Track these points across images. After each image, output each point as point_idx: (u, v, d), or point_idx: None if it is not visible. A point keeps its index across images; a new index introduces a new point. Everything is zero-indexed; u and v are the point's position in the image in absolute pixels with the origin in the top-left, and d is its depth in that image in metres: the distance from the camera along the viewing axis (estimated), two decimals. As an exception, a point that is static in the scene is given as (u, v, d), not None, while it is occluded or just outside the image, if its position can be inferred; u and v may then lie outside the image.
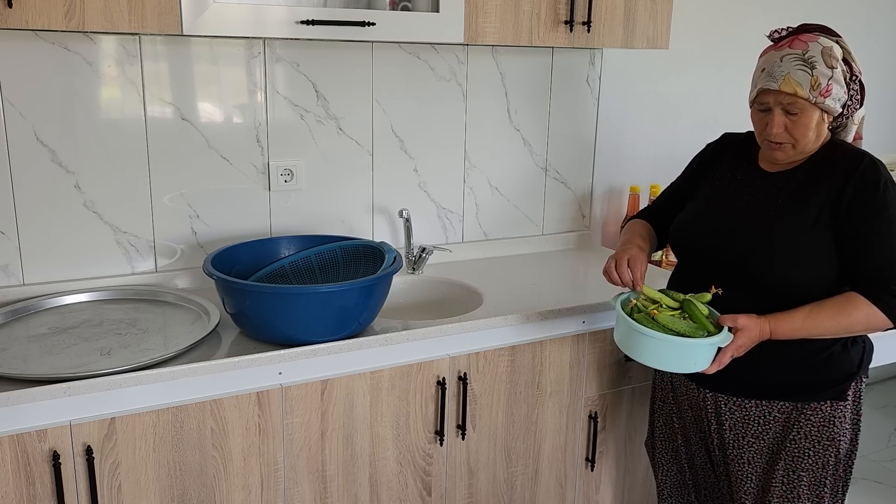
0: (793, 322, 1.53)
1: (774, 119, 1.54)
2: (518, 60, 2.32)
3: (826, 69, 1.50)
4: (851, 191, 1.51)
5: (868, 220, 1.51)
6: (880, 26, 3.10)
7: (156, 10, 1.57)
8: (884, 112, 3.24)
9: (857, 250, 1.52)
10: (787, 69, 1.51)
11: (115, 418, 1.47)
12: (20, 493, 1.42)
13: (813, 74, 1.49)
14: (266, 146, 2.03)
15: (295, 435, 1.66)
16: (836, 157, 1.57)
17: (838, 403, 1.61)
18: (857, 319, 1.51)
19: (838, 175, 1.54)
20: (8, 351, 1.55)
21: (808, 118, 1.52)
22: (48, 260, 1.85)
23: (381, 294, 1.69)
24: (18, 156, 1.77)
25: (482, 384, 1.86)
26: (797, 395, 1.61)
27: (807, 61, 1.50)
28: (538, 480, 2.02)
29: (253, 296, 1.58)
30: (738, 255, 1.60)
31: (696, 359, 1.51)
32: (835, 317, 1.52)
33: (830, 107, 1.52)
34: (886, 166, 1.58)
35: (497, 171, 2.37)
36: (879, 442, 3.09)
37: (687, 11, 2.52)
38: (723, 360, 1.54)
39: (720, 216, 1.67)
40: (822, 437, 1.61)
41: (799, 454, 1.63)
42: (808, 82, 1.49)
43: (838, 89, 1.51)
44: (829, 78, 1.50)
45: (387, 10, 1.88)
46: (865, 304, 1.50)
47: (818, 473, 1.63)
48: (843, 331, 1.54)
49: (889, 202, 1.50)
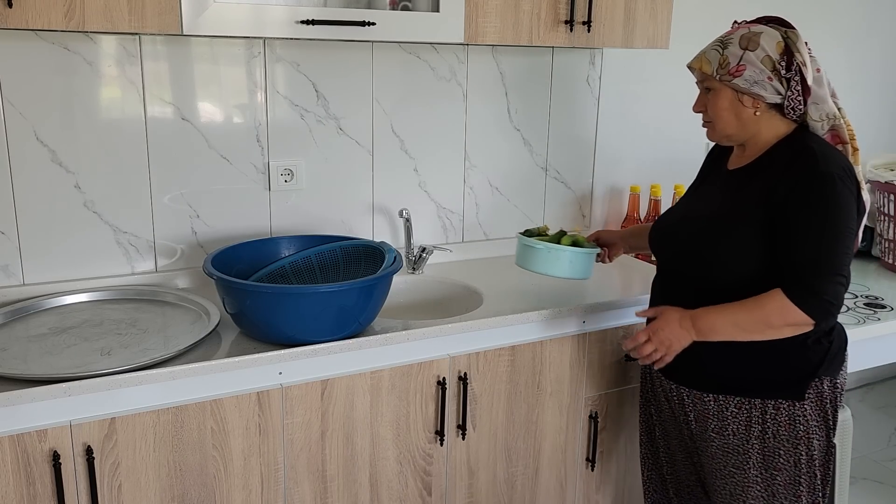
0: (711, 314, 1.55)
1: (698, 98, 1.64)
2: (518, 60, 2.32)
3: (738, 50, 1.53)
4: (788, 183, 1.50)
5: (799, 213, 1.49)
6: (880, 26, 3.10)
7: (156, 10, 1.57)
8: (884, 112, 3.24)
9: (784, 243, 1.50)
10: (705, 49, 1.60)
11: (116, 418, 1.47)
12: (20, 493, 1.42)
13: (723, 53, 1.55)
14: (266, 146, 2.03)
15: (295, 435, 1.66)
16: (782, 151, 1.57)
17: (798, 403, 1.59)
18: (773, 313, 1.49)
19: (777, 168, 1.55)
20: (8, 351, 1.55)
21: (720, 97, 1.58)
22: (48, 260, 1.85)
23: (381, 294, 1.69)
24: (18, 156, 1.77)
25: (482, 384, 1.86)
26: (750, 391, 1.61)
27: (723, 42, 1.57)
28: (538, 480, 2.02)
29: (253, 296, 1.58)
30: (676, 254, 1.67)
31: (573, 264, 1.88)
32: (751, 310, 1.51)
33: (745, 88, 1.53)
34: (856, 169, 1.56)
35: (497, 170, 2.37)
36: (879, 442, 3.09)
37: (687, 11, 2.52)
38: (643, 350, 1.61)
39: (674, 219, 1.74)
40: (789, 435, 1.61)
41: (770, 452, 1.63)
42: (717, 60, 1.55)
43: (754, 72, 1.52)
44: (740, 58, 1.53)
45: (387, 10, 1.88)
46: (780, 297, 1.48)
47: (791, 472, 1.63)
48: (762, 325, 1.51)
49: (825, 197, 1.48)
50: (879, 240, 2.60)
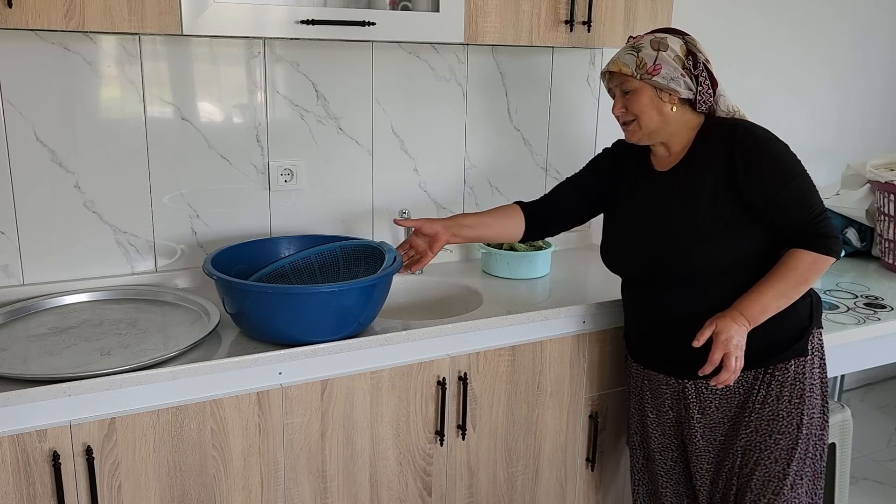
0: (755, 300, 1.61)
1: (616, 101, 1.72)
2: (518, 60, 2.32)
3: (651, 51, 1.64)
4: (740, 161, 1.61)
5: (769, 181, 1.60)
6: (880, 26, 3.10)
7: (156, 10, 1.57)
8: (884, 112, 3.24)
9: (776, 212, 1.61)
10: (619, 55, 1.69)
11: (115, 418, 1.47)
12: (20, 493, 1.42)
13: (638, 56, 1.64)
14: (266, 146, 2.03)
15: (295, 435, 1.66)
16: (711, 136, 1.67)
17: (802, 360, 1.68)
18: (809, 271, 1.60)
19: (719, 152, 1.64)
20: (8, 351, 1.55)
21: (642, 95, 1.65)
22: (48, 260, 1.85)
23: (381, 294, 1.69)
24: (18, 156, 1.77)
25: (482, 384, 1.86)
26: (758, 361, 1.67)
27: (634, 47, 1.67)
28: (538, 480, 2.02)
29: (253, 296, 1.58)
30: (652, 267, 1.71)
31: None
32: (788, 278, 1.61)
33: (663, 84, 1.63)
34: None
35: (497, 170, 2.37)
36: (879, 442, 3.09)
37: (687, 11, 2.52)
38: (729, 364, 1.60)
39: (630, 234, 1.77)
40: (791, 395, 1.68)
41: (773, 416, 1.68)
42: (634, 62, 1.64)
43: (669, 70, 1.63)
44: (655, 59, 1.63)
45: (387, 9, 1.88)
46: (807, 254, 1.60)
47: (793, 434, 1.68)
48: (802, 286, 1.62)
49: (777, 155, 1.61)
50: (879, 240, 2.60)
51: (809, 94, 3.00)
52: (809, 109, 3.04)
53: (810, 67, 2.96)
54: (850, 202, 2.66)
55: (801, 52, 2.89)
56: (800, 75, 2.95)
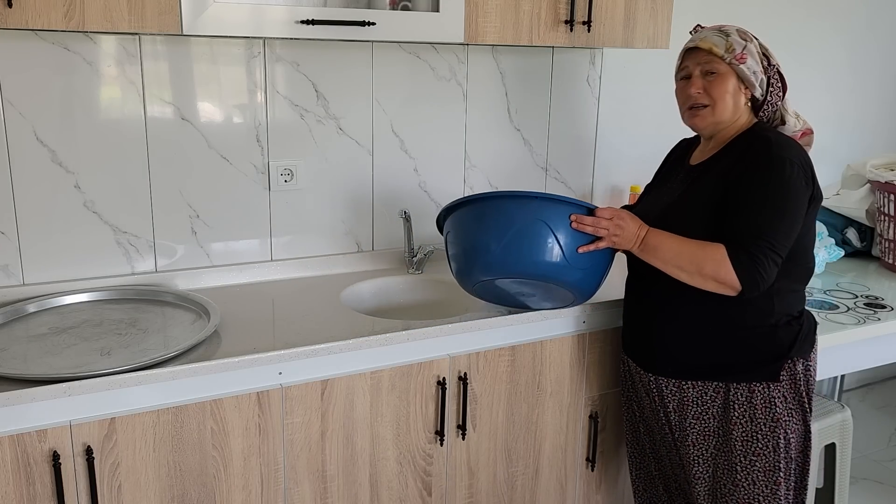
0: (663, 234, 1.61)
1: (694, 81, 1.65)
2: (518, 60, 2.32)
3: (740, 40, 1.61)
4: (743, 165, 1.57)
5: (749, 188, 1.55)
6: (880, 26, 3.10)
7: (156, 10, 1.57)
8: (883, 112, 3.24)
9: (731, 211, 1.57)
10: (705, 34, 1.65)
11: (115, 418, 1.47)
12: (20, 493, 1.42)
13: (728, 40, 1.61)
14: (266, 146, 2.03)
15: (295, 435, 1.66)
16: (746, 140, 1.63)
17: (772, 384, 1.64)
18: (707, 261, 1.55)
19: (734, 156, 1.61)
20: (8, 351, 1.55)
21: (727, 80, 1.62)
22: (48, 260, 1.85)
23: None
24: (18, 156, 1.77)
25: (482, 384, 1.86)
26: (728, 374, 1.66)
27: (722, 31, 1.64)
28: (538, 480, 2.02)
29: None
30: None
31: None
32: (693, 249, 1.57)
33: (746, 75, 1.60)
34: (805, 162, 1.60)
35: (497, 170, 2.37)
36: (879, 442, 3.09)
37: (687, 11, 2.52)
38: (599, 222, 1.61)
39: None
40: (766, 419, 1.65)
41: (750, 437, 1.66)
42: (724, 45, 1.61)
43: (753, 63, 1.61)
44: (743, 47, 1.60)
45: (387, 9, 1.88)
46: (721, 252, 1.54)
47: (770, 458, 1.66)
48: (695, 267, 1.56)
49: (776, 178, 1.54)
50: (879, 240, 2.60)
51: (809, 94, 3.00)
52: (809, 109, 3.02)
53: (810, 67, 2.96)
54: (850, 202, 2.66)
55: (800, 53, 2.89)
56: (799, 75, 2.95)
